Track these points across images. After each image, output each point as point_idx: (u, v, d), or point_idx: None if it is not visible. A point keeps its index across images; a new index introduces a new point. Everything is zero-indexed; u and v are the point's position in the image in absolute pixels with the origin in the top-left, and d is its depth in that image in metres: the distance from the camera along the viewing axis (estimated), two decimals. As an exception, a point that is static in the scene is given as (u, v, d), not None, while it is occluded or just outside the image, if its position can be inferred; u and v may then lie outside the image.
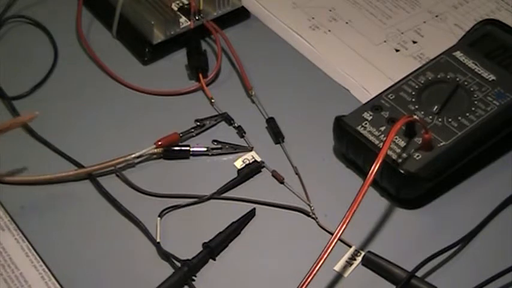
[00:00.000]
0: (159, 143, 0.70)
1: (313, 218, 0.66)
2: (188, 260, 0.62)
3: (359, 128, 0.68)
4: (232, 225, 0.65)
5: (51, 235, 0.65)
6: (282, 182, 0.68)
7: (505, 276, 0.61)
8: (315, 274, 0.58)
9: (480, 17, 0.81)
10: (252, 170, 0.69)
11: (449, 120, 0.68)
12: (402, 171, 0.65)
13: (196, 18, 0.79)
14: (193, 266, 0.62)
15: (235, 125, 0.73)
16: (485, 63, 0.71)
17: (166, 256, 0.63)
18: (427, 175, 0.65)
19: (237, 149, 0.71)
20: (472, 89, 0.70)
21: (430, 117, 0.68)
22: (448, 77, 0.71)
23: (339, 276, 0.62)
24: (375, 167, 0.60)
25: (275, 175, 0.69)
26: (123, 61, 0.79)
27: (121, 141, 0.71)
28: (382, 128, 0.67)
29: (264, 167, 0.69)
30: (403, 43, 0.80)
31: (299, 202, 0.67)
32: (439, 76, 0.71)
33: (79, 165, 0.69)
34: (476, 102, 0.69)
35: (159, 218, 0.65)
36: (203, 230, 0.64)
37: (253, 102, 0.75)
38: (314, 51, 0.79)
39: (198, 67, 0.76)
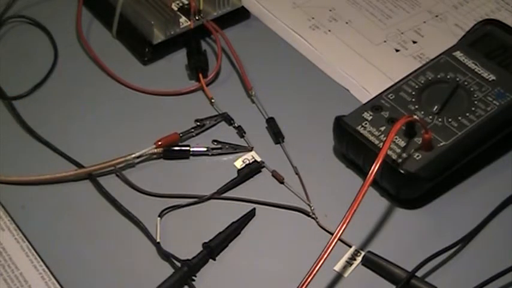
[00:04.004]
0: (159, 143, 0.70)
1: (313, 218, 0.66)
2: (188, 260, 0.62)
3: (359, 128, 0.68)
4: (232, 225, 0.65)
5: (51, 235, 0.65)
6: (282, 182, 0.68)
7: (505, 276, 0.61)
8: (315, 274, 0.58)
9: (480, 17, 0.81)
10: (252, 170, 0.69)
11: (449, 120, 0.68)
12: (402, 171, 0.65)
13: (196, 18, 0.79)
14: (193, 266, 0.62)
15: (235, 125, 0.73)
16: (485, 63, 0.71)
17: (166, 256, 0.63)
18: (427, 175, 0.65)
19: (237, 149, 0.71)
20: (472, 89, 0.70)
21: (430, 117, 0.68)
22: (448, 77, 0.71)
23: (339, 276, 0.62)
24: (375, 167, 0.60)
25: (275, 175, 0.69)
26: (123, 61, 0.79)
27: (121, 141, 0.71)
28: (382, 128, 0.67)
29: (264, 167, 0.69)
30: (403, 43, 0.80)
31: (299, 202, 0.67)
32: (439, 76, 0.71)
33: (79, 165, 0.69)
34: (476, 102, 0.69)
35: (159, 218, 0.65)
36: (203, 230, 0.64)
37: (253, 102, 0.75)
38: (314, 51, 0.79)
39: (198, 67, 0.76)
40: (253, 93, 0.75)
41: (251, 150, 0.71)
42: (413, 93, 0.70)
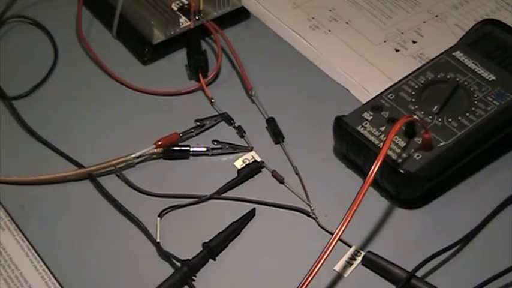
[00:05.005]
0: (159, 143, 0.70)
1: (313, 218, 0.66)
2: (188, 260, 0.62)
3: (359, 128, 0.68)
4: (232, 225, 0.65)
5: (51, 235, 0.65)
6: (282, 182, 0.68)
7: (505, 276, 0.61)
8: (315, 274, 0.58)
9: (480, 17, 0.81)
10: (252, 170, 0.69)
11: (449, 120, 0.68)
12: (402, 171, 0.65)
13: (196, 18, 0.79)
14: (193, 266, 0.62)
15: (235, 125, 0.73)
16: (485, 63, 0.71)
17: (166, 256, 0.63)
18: (427, 175, 0.65)
19: (237, 149, 0.71)
20: (472, 89, 0.70)
21: (430, 117, 0.68)
22: (448, 77, 0.71)
23: (339, 276, 0.62)
24: (375, 167, 0.60)
25: (275, 175, 0.69)
26: (123, 61, 0.79)
27: (121, 141, 0.71)
28: (382, 128, 0.67)
29: (264, 167, 0.69)
30: (403, 43, 0.80)
31: (299, 202, 0.67)
32: (439, 76, 0.71)
33: (79, 165, 0.69)
34: (476, 102, 0.69)
35: (159, 218, 0.65)
36: (203, 230, 0.64)
37: (253, 102, 0.75)
38: (314, 51, 0.79)
39: (198, 67, 0.76)
40: (253, 93, 0.75)
41: (251, 150, 0.71)
42: (413, 93, 0.70)
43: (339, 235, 0.59)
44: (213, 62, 0.77)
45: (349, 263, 0.63)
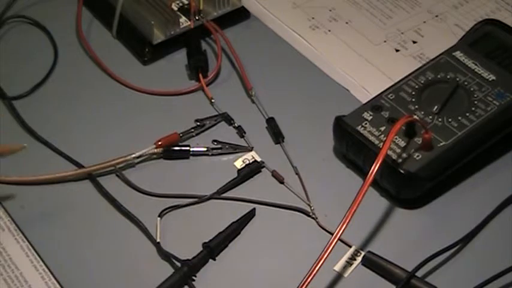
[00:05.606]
0: (159, 143, 0.70)
1: (313, 218, 0.66)
2: (188, 260, 0.62)
3: (359, 128, 0.68)
4: (232, 225, 0.65)
5: (51, 235, 0.65)
6: (282, 182, 0.68)
7: (505, 276, 0.61)
8: (315, 274, 0.58)
9: (480, 17, 0.81)
10: (252, 170, 0.69)
11: (449, 120, 0.68)
12: (402, 171, 0.65)
13: (196, 18, 0.79)
14: (193, 266, 0.62)
15: (235, 125, 0.73)
16: (485, 63, 0.71)
17: (166, 256, 0.63)
18: (427, 175, 0.65)
19: (237, 149, 0.71)
20: (472, 89, 0.70)
21: (430, 117, 0.68)
22: (448, 77, 0.71)
23: (339, 276, 0.62)
24: (375, 167, 0.60)
25: (275, 175, 0.69)
26: (123, 61, 0.79)
27: (121, 141, 0.71)
28: (382, 128, 0.67)
29: (264, 167, 0.69)
30: (403, 43, 0.80)
31: (299, 202, 0.67)
32: (439, 76, 0.71)
33: (79, 165, 0.69)
34: (476, 102, 0.69)
35: (159, 218, 0.65)
36: (203, 230, 0.64)
37: (253, 102, 0.75)
38: (314, 51, 0.79)
39: (198, 67, 0.76)
40: (253, 93, 0.75)
41: (251, 150, 0.71)
42: (413, 93, 0.70)
43: (339, 235, 0.59)
44: (213, 62, 0.77)
45: (349, 263, 0.63)
